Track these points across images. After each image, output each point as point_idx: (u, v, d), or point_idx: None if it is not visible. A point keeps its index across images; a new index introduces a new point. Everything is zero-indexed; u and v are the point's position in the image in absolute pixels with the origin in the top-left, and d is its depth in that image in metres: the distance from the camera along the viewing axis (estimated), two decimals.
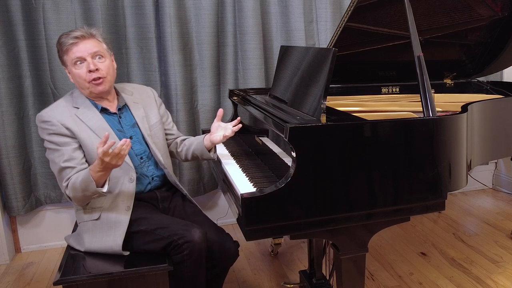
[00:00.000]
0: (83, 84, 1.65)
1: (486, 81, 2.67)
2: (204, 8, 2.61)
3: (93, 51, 1.64)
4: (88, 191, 1.54)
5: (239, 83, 2.77)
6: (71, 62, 1.63)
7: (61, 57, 1.67)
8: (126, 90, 1.83)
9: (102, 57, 1.67)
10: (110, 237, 1.62)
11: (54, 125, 1.61)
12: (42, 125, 1.63)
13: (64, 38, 1.63)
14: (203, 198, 2.87)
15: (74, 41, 1.61)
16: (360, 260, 1.51)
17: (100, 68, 1.64)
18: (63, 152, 1.60)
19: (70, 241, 1.74)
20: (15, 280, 2.40)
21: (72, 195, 1.59)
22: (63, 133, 1.61)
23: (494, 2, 2.19)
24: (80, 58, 1.62)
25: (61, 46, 1.64)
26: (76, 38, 1.62)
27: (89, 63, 1.62)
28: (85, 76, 1.63)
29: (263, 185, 1.52)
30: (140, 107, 1.80)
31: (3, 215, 2.57)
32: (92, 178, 1.51)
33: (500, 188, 3.52)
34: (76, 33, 1.63)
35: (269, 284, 2.29)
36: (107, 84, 1.68)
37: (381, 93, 2.48)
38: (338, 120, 1.52)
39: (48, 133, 1.62)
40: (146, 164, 1.77)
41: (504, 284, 2.22)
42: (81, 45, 1.62)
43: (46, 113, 1.64)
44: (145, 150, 1.77)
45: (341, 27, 2.00)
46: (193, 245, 1.55)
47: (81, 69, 1.63)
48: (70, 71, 1.66)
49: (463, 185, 1.58)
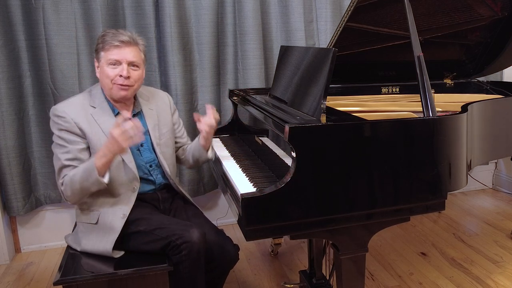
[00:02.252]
0: (107, 83, 1.65)
1: (486, 81, 2.67)
2: (204, 8, 2.61)
3: (131, 60, 1.65)
4: (88, 181, 1.53)
5: (239, 83, 2.77)
6: (106, 60, 1.63)
7: (97, 51, 1.67)
8: (143, 94, 1.83)
9: (137, 67, 1.68)
10: (102, 242, 1.63)
11: (67, 122, 1.61)
12: (55, 119, 1.63)
13: (109, 37, 1.63)
14: (203, 198, 2.87)
15: (118, 44, 1.62)
16: (360, 260, 1.51)
17: (131, 77, 1.65)
18: (69, 150, 1.60)
19: (69, 240, 1.74)
20: (15, 280, 2.40)
21: (69, 189, 1.57)
22: (74, 132, 1.61)
23: (494, 2, 2.19)
24: (117, 61, 1.63)
25: (103, 43, 1.64)
26: (122, 42, 1.63)
27: (123, 69, 1.63)
28: (113, 77, 1.63)
29: (263, 185, 1.52)
30: (154, 114, 1.81)
31: (3, 215, 2.57)
32: (95, 166, 1.51)
33: (500, 188, 3.52)
34: (123, 37, 1.63)
35: (269, 284, 2.29)
36: (131, 92, 1.69)
37: (381, 93, 2.48)
38: (338, 120, 1.52)
39: (59, 128, 1.62)
40: (155, 172, 1.79)
41: (504, 284, 2.22)
42: (123, 50, 1.63)
43: (61, 108, 1.64)
44: (154, 159, 1.79)
45: (341, 27, 2.00)
46: (191, 245, 1.55)
47: (112, 70, 1.63)
48: (101, 67, 1.66)
49: (463, 185, 1.58)
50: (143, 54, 1.72)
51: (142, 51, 1.72)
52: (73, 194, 1.59)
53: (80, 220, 1.70)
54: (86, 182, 1.54)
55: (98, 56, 1.67)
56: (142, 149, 1.76)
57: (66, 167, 1.60)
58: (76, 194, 1.59)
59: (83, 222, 1.69)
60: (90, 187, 1.56)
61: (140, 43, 1.70)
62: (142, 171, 1.74)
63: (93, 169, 1.52)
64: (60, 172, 1.61)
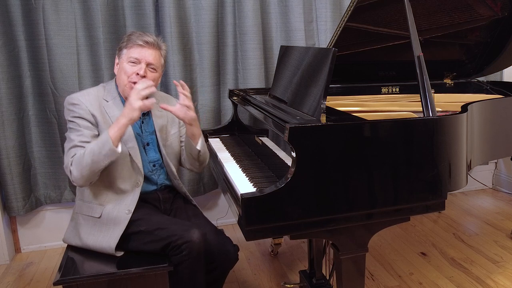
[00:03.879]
0: (123, 79, 1.69)
1: (486, 81, 2.67)
2: (204, 8, 2.61)
3: (151, 61, 1.69)
4: (101, 153, 1.54)
5: (239, 83, 2.77)
6: (127, 57, 1.68)
7: (121, 48, 1.72)
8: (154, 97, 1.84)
9: (155, 70, 1.72)
10: (106, 238, 1.63)
11: (82, 109, 1.64)
12: (70, 107, 1.65)
13: (135, 36, 1.69)
14: (203, 198, 2.87)
15: (142, 44, 1.68)
16: (360, 260, 1.51)
17: (147, 77, 1.68)
18: (83, 133, 1.62)
19: (66, 236, 1.75)
20: (15, 280, 2.40)
21: (78, 165, 1.55)
22: (88, 119, 1.64)
23: (494, 2, 2.19)
24: (137, 60, 1.67)
25: (128, 41, 1.69)
26: (146, 42, 1.68)
27: (141, 68, 1.67)
28: (130, 74, 1.67)
29: (263, 185, 1.52)
30: (163, 117, 1.83)
31: (3, 215, 2.57)
32: (109, 135, 1.54)
33: (500, 188, 3.52)
34: (148, 38, 1.69)
35: (269, 284, 2.29)
36: None
37: (381, 93, 2.48)
38: (338, 120, 1.52)
39: (73, 115, 1.64)
40: (157, 172, 1.80)
41: (504, 284, 2.22)
42: (145, 50, 1.68)
43: (76, 97, 1.67)
44: (159, 159, 1.80)
45: (341, 27, 2.00)
46: (191, 246, 1.55)
47: (131, 68, 1.67)
48: (120, 63, 1.71)
49: (463, 185, 1.58)
50: (163, 60, 1.77)
51: (163, 56, 1.77)
52: (82, 171, 1.56)
53: (81, 211, 1.70)
54: (99, 154, 1.54)
55: (120, 53, 1.72)
56: (148, 148, 1.78)
57: (78, 147, 1.60)
58: (85, 170, 1.55)
59: (84, 214, 1.69)
60: (103, 159, 1.55)
61: (162, 48, 1.76)
62: (146, 170, 1.75)
63: (107, 139, 1.54)
64: (69, 151, 1.60)
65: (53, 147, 2.56)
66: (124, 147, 1.65)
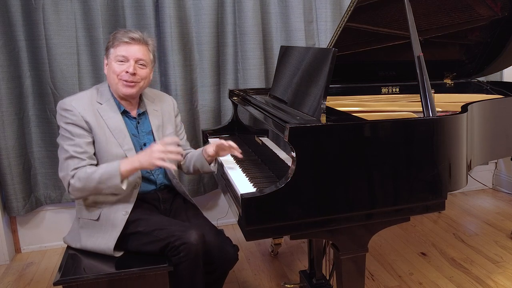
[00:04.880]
0: (114, 79, 1.67)
1: (486, 81, 2.67)
2: (204, 8, 2.61)
3: (139, 57, 1.67)
4: (106, 183, 1.55)
5: (239, 83, 2.77)
6: (115, 56, 1.66)
7: (108, 48, 1.71)
8: (149, 96, 1.85)
9: (144, 65, 1.70)
10: (104, 239, 1.63)
11: (75, 115, 1.62)
12: (63, 112, 1.64)
13: (120, 34, 1.67)
14: (203, 198, 2.87)
15: (128, 41, 1.66)
16: (360, 260, 1.51)
17: (138, 74, 1.67)
18: (77, 142, 1.61)
19: (67, 239, 1.74)
20: (15, 280, 2.40)
21: (81, 184, 1.57)
22: (81, 125, 1.63)
23: (494, 2, 2.19)
24: (124, 57, 1.66)
25: (114, 40, 1.68)
26: (132, 39, 1.66)
27: (130, 66, 1.65)
28: (119, 72, 1.66)
29: (263, 185, 1.53)
30: (159, 115, 1.82)
31: (3, 215, 2.57)
32: (120, 171, 1.54)
33: (500, 188, 3.52)
34: (133, 35, 1.67)
35: (269, 284, 2.29)
36: (136, 89, 1.70)
37: (381, 93, 2.48)
38: (338, 120, 1.52)
39: (66, 121, 1.63)
40: (156, 172, 1.80)
41: (504, 284, 2.22)
42: (132, 47, 1.66)
43: (69, 102, 1.65)
44: None
45: (341, 27, 2.00)
46: (189, 247, 1.55)
47: (119, 66, 1.66)
48: (109, 63, 1.69)
49: (463, 185, 1.58)
50: (152, 55, 1.74)
51: (151, 51, 1.74)
52: (83, 190, 1.59)
53: (81, 215, 1.70)
54: (103, 184, 1.56)
55: (107, 53, 1.70)
56: (145, 148, 1.75)
57: (74, 158, 1.59)
58: (86, 191, 1.60)
59: (84, 218, 1.69)
60: (105, 189, 1.58)
61: (149, 43, 1.73)
62: (143, 171, 1.74)
63: (117, 174, 1.54)
64: (66, 163, 1.60)
65: (53, 147, 2.56)
66: (120, 150, 1.65)
